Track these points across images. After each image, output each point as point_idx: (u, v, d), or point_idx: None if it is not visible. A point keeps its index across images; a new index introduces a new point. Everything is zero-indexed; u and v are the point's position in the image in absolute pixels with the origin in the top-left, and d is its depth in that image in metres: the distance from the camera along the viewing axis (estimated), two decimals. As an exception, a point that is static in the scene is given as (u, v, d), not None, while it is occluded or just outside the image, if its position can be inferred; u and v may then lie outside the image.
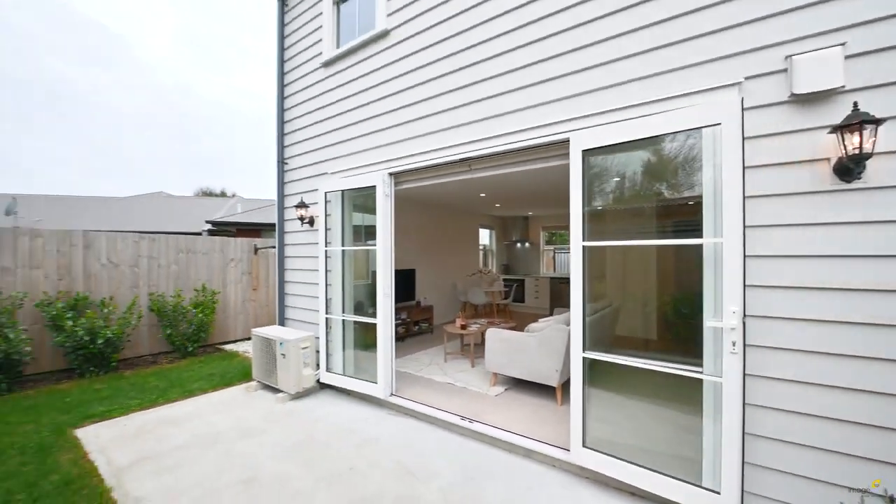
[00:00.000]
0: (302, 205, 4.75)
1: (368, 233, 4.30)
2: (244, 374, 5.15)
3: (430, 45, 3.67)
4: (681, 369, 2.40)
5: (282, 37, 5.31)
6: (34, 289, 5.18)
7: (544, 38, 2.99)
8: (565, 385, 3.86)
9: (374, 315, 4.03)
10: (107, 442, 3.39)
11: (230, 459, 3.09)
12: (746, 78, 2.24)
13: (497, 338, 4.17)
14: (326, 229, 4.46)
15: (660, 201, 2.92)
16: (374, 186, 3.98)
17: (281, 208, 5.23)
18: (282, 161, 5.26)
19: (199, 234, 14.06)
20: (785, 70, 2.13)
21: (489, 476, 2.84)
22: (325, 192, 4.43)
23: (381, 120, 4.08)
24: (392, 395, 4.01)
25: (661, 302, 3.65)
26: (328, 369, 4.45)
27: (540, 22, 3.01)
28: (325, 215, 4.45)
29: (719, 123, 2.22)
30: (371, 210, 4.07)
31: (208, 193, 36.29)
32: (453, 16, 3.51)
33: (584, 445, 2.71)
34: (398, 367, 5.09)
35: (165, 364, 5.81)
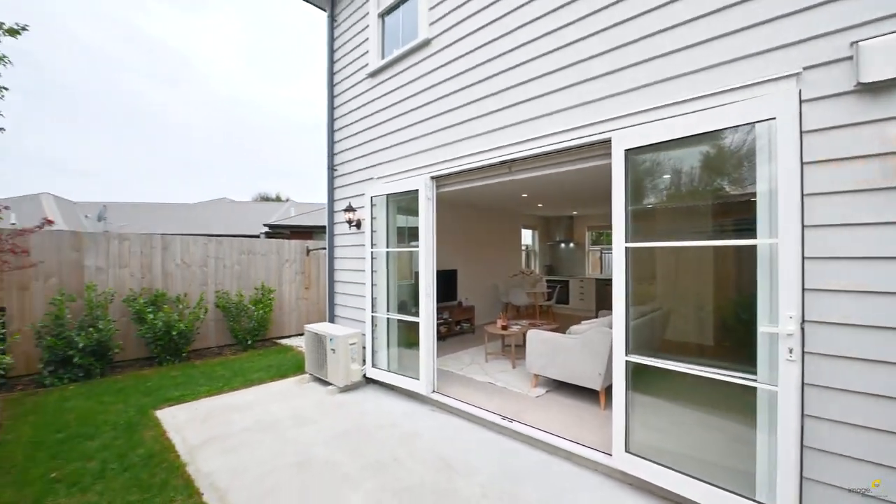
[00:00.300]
0: (350, 209, 5.02)
1: (412, 234, 4.46)
2: (297, 367, 5.52)
3: (470, 52, 3.75)
4: (732, 376, 2.30)
5: (331, 51, 5.63)
6: (122, 286, 5.88)
7: (583, 38, 2.97)
8: (609, 389, 3.78)
9: (416, 314, 4.18)
10: (182, 423, 3.80)
11: (285, 444, 3.36)
12: (805, 68, 2.10)
13: (538, 339, 4.16)
14: (372, 232, 4.68)
15: (708, 201, 2.80)
16: (417, 190, 4.12)
17: (331, 212, 5.55)
18: (331, 168, 5.57)
19: (258, 236, 15.13)
20: (850, 58, 1.98)
21: (528, 475, 2.87)
22: (371, 197, 4.65)
23: (423, 126, 4.22)
24: (434, 391, 4.13)
25: (711, 306, 3.48)
26: (374, 365, 4.66)
27: (578, 23, 2.99)
28: (371, 219, 4.67)
29: (774, 118, 2.11)
30: (414, 212, 4.22)
31: (265, 198, 38.79)
32: (490, 23, 3.57)
33: (627, 450, 2.66)
34: (439, 365, 5.22)
35: (229, 356, 6.35)
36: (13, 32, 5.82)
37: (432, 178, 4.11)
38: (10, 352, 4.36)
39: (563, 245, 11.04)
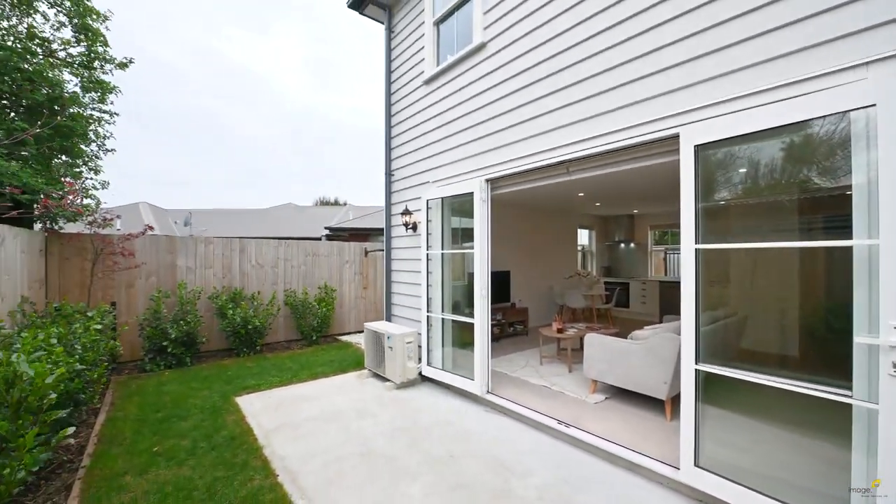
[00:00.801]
0: (406, 212, 5.20)
1: (466, 236, 4.52)
2: (357, 363, 5.81)
3: (526, 52, 3.73)
4: (821, 391, 2.08)
5: (388, 62, 5.87)
6: (207, 284, 6.57)
7: (642, 32, 2.84)
8: (675, 399, 3.57)
9: (471, 315, 4.23)
10: (258, 409, 4.17)
11: (349, 434, 3.56)
12: (913, 46, 1.86)
13: (597, 343, 4.02)
14: (427, 234, 4.81)
15: (792, 196, 2.55)
16: (472, 193, 4.18)
17: (388, 216, 5.78)
18: (389, 173, 5.81)
19: (319, 238, 16.08)
20: (972, 30, 1.72)
21: (586, 482, 2.80)
22: (427, 200, 4.79)
23: (478, 129, 4.27)
24: (488, 392, 4.16)
25: (796, 312, 3.16)
26: (429, 363, 4.79)
27: (637, 17, 2.87)
28: (427, 221, 4.80)
29: (874, 104, 1.89)
30: (468, 214, 4.28)
31: (325, 202, 41.05)
32: (545, 22, 3.53)
33: (696, 465, 2.50)
34: (493, 366, 5.22)
35: (296, 350, 6.84)
36: (123, 66, 6.79)
37: (487, 180, 4.15)
38: (119, 341, 5.07)
39: (622, 245, 10.52)
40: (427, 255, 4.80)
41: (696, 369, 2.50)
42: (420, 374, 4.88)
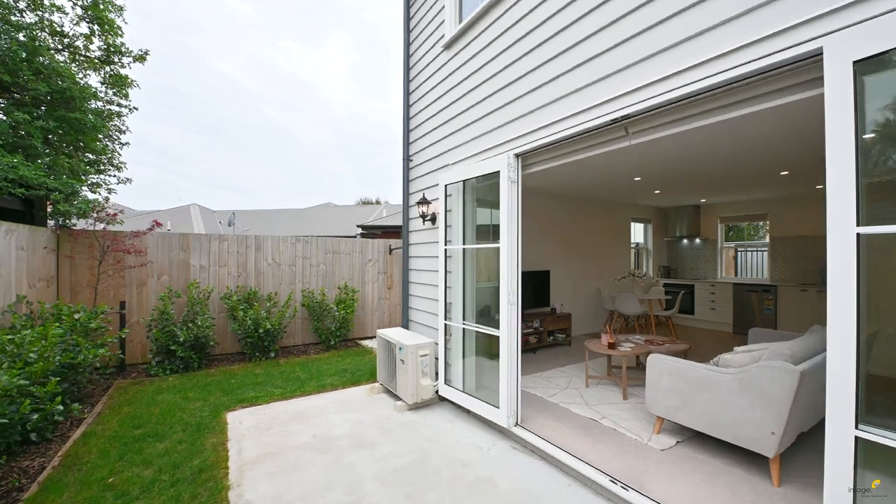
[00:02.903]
0: (423, 201, 4.43)
1: (494, 230, 3.68)
2: (371, 374, 5.13)
3: (565, -19, 2.82)
4: None
5: (407, 31, 5.13)
6: (221, 284, 6.20)
7: None
8: (786, 455, 2.52)
9: (496, 325, 3.37)
10: (245, 430, 3.57)
11: (339, 472, 2.85)
12: None
13: (665, 368, 3.00)
14: (446, 226, 4.01)
15: None
16: (498, 172, 3.32)
17: (406, 206, 5.05)
18: (407, 158, 5.07)
19: (354, 237, 15.82)
20: None
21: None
22: (445, 185, 3.99)
23: (505, 93, 3.40)
24: (517, 424, 3.28)
25: None
26: (447, 381, 3.98)
27: None
28: (445, 211, 4.00)
29: None
30: (495, 204, 3.42)
31: (366, 202, 41.48)
32: (597, -71, 2.59)
33: (852, 592, 1.50)
34: (527, 386, 4.32)
35: (312, 355, 6.30)
36: (140, 59, 6.59)
37: (516, 155, 3.27)
38: (125, 342, 4.74)
39: (685, 241, 9.10)
40: (445, 250, 4.00)
41: (856, 436, 1.49)
42: (437, 393, 4.09)
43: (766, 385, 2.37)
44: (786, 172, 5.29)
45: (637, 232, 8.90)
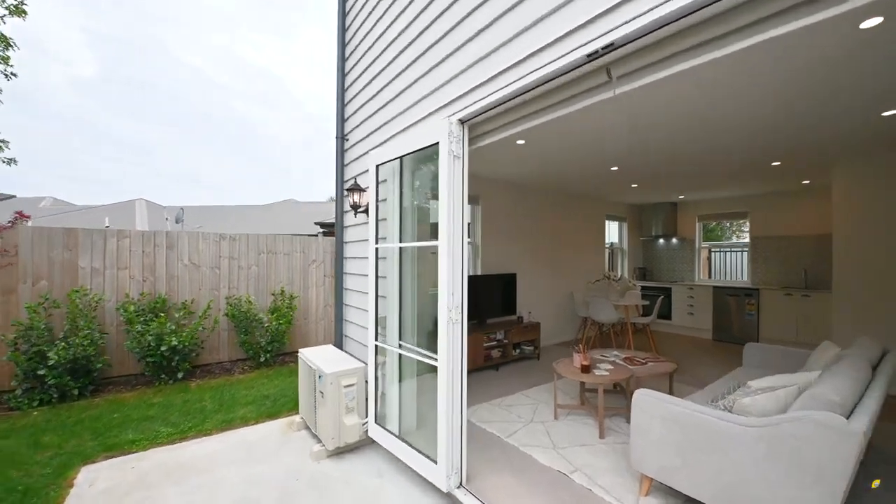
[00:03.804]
0: (354, 188, 3.53)
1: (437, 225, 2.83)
2: (297, 401, 4.18)
3: None
4: None
5: (343, -18, 4.21)
6: (121, 290, 5.07)
7: None
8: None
9: (434, 349, 2.51)
10: (91, 499, 2.57)
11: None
12: None
13: (657, 412, 2.21)
14: (378, 220, 3.11)
15: None
16: (437, 145, 2.46)
17: (340, 196, 4.12)
18: (342, 137, 4.15)
19: (315, 235, 14.66)
20: None
21: None
22: (377, 166, 3.10)
23: (447, 42, 2.54)
24: (460, 485, 2.43)
25: None
26: (378, 419, 3.09)
27: None
28: (377, 200, 3.11)
29: None
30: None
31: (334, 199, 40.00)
32: None
33: None
34: (483, 418, 3.49)
35: (236, 375, 5.26)
36: (18, 12, 5.37)
37: (461, 121, 2.42)
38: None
39: (661, 241, 8.56)
40: (377, 249, 3.11)
41: None
42: (367, 433, 3.19)
43: (809, 451, 1.61)
44: (777, 163, 4.69)
45: (611, 231, 8.28)
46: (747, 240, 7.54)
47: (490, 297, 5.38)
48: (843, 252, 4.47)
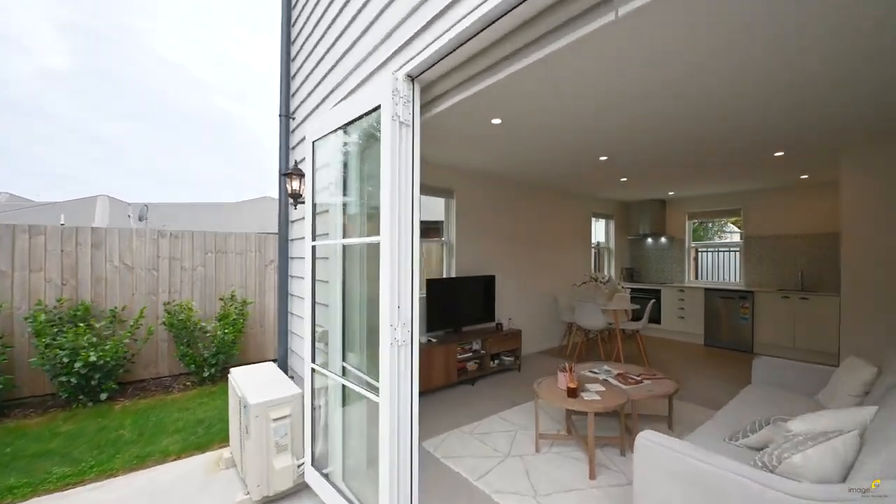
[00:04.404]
0: (294, 172, 2.91)
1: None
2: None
3: None
4: None
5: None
6: (34, 295, 4.32)
7: None
8: None
9: (376, 378, 1.90)
10: None
11: None
12: None
13: (669, 466, 1.63)
14: (315, 212, 2.50)
15: None
16: (378, 109, 1.86)
17: (284, 184, 3.48)
18: (286, 116, 3.51)
19: (276, 233, 13.84)
20: None
21: None
22: (313, 142, 2.48)
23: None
24: (411, 560, 1.84)
25: None
26: (316, 461, 2.47)
27: None
28: (313, 185, 2.49)
29: None
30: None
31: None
32: None
33: None
34: (451, 451, 2.91)
35: (175, 393, 4.56)
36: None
37: (410, 76, 1.83)
38: None
39: (649, 240, 8.14)
40: (314, 247, 2.49)
41: None
42: (303, 476, 2.57)
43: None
44: (780, 153, 4.25)
45: (598, 230, 7.80)
46: (731, 239, 7.28)
47: (466, 302, 4.81)
48: (852, 251, 4.04)
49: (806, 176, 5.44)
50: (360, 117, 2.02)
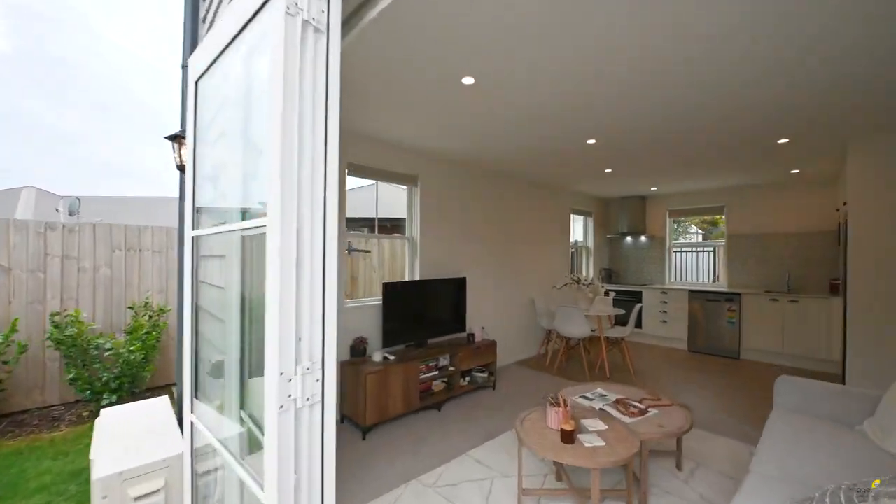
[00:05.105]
0: (181, 135, 2.09)
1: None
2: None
3: None
4: None
5: None
6: None
7: None
8: None
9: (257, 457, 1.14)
10: None
11: None
12: None
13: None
14: (195, 185, 1.70)
15: None
16: (267, 4, 1.09)
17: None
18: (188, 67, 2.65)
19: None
20: None
21: None
22: (195, 81, 1.68)
23: None
24: None
25: None
26: (199, 559, 1.67)
27: None
28: (194, 143, 1.69)
29: None
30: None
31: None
32: None
33: None
34: (407, 498, 2.16)
35: (61, 429, 3.58)
36: None
37: (318, -53, 1.07)
38: None
39: (628, 239, 7.71)
40: (194, 238, 1.70)
41: None
42: (185, 577, 1.75)
43: None
44: (785, 140, 3.79)
45: (575, 228, 7.28)
46: (700, 240, 7.26)
47: (432, 309, 4.08)
48: (860, 248, 3.63)
49: (797, 171, 5.08)
50: (246, 25, 1.25)
